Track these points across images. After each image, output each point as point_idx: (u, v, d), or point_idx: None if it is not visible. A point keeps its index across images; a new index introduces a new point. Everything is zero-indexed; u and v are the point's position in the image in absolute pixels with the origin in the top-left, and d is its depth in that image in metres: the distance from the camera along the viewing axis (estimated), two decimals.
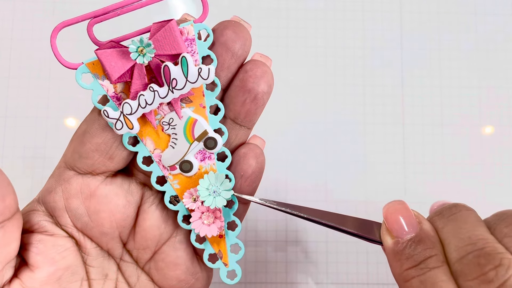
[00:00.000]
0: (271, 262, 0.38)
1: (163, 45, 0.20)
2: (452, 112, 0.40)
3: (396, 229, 0.20)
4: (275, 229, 0.38)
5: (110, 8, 0.21)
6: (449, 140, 0.40)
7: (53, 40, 0.21)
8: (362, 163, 0.40)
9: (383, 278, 0.38)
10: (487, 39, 0.41)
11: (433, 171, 0.40)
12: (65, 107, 0.40)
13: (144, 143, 0.22)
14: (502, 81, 0.41)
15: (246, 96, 0.22)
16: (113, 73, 0.20)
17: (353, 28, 0.41)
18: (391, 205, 0.21)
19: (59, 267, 0.22)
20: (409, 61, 0.41)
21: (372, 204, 0.39)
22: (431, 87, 0.41)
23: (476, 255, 0.18)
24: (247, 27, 0.22)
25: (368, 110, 0.40)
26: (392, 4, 0.42)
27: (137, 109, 0.21)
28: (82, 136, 0.22)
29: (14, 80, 0.40)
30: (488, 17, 0.42)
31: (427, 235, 0.20)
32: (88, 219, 0.22)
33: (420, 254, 0.19)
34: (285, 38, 0.41)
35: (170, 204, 0.23)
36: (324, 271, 0.38)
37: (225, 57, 0.21)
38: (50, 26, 0.41)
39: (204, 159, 0.22)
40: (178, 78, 0.20)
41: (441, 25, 0.42)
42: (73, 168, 0.22)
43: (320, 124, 0.40)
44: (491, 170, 0.40)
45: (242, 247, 0.23)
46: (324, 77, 0.41)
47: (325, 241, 0.39)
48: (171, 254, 0.23)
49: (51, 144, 0.39)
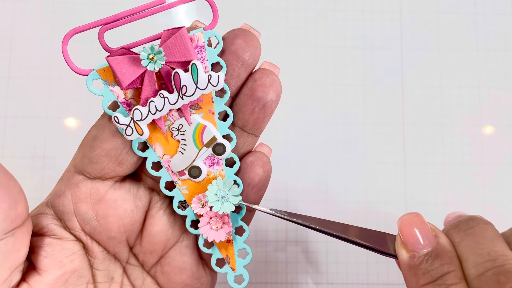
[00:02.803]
0: (271, 262, 0.38)
1: (173, 52, 0.20)
2: (452, 112, 0.40)
3: (412, 243, 0.20)
4: (275, 229, 0.38)
5: (121, 15, 0.21)
6: (449, 140, 0.40)
7: (64, 47, 0.21)
8: (362, 163, 0.40)
9: (383, 278, 0.38)
10: (487, 39, 0.41)
11: (433, 171, 0.40)
12: (65, 107, 0.40)
13: (154, 148, 0.22)
14: (502, 81, 0.41)
15: (255, 105, 0.22)
16: (124, 79, 0.20)
17: (353, 28, 0.41)
18: (407, 218, 0.21)
19: (67, 270, 0.22)
20: (409, 61, 0.41)
21: (372, 204, 0.39)
22: (431, 87, 0.41)
23: (496, 272, 0.17)
24: (257, 35, 0.22)
25: (368, 110, 0.40)
26: (392, 4, 0.42)
27: (147, 115, 0.21)
28: (92, 141, 0.22)
29: (14, 80, 0.40)
30: (488, 17, 0.42)
31: (444, 249, 0.19)
32: (96, 223, 0.22)
33: (438, 269, 0.18)
34: (285, 38, 0.41)
35: (178, 209, 0.23)
36: (324, 271, 0.38)
37: (236, 65, 0.22)
38: (50, 26, 0.41)
39: (212, 164, 0.23)
40: (188, 85, 0.21)
41: (441, 25, 0.42)
42: (83, 172, 0.22)
43: (320, 124, 0.40)
44: (491, 170, 0.40)
45: (249, 252, 0.23)
46: (324, 77, 0.41)
47: (325, 241, 0.39)
48: (177, 258, 0.24)
49: (51, 144, 0.39)
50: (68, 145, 0.40)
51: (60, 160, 0.39)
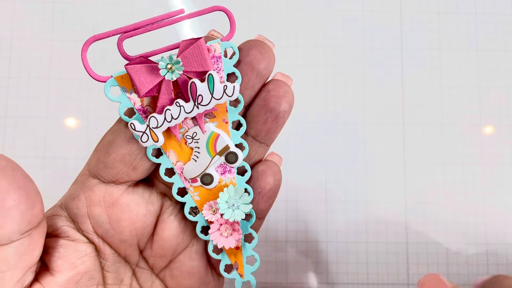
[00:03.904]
0: (271, 262, 0.38)
1: (191, 62, 0.21)
2: (452, 112, 0.40)
3: None
4: (275, 229, 0.39)
5: (140, 24, 0.21)
6: (449, 140, 0.40)
7: (84, 53, 0.21)
8: (362, 163, 0.40)
9: (383, 278, 0.38)
10: (487, 39, 0.41)
11: (433, 171, 0.40)
12: (65, 107, 0.40)
13: (167, 155, 0.23)
14: (502, 81, 0.41)
15: (268, 115, 0.22)
16: (142, 88, 0.21)
17: (353, 28, 0.41)
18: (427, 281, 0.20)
19: (79, 271, 0.22)
20: (409, 61, 0.41)
21: (372, 204, 0.39)
22: (431, 87, 0.41)
23: None
24: (271, 46, 0.23)
25: (368, 110, 0.40)
26: (392, 4, 0.42)
27: (163, 123, 0.21)
28: (108, 146, 0.22)
29: (14, 80, 0.40)
30: (488, 17, 0.42)
31: None
32: (109, 227, 0.23)
33: None
34: (285, 38, 0.41)
35: (189, 215, 0.23)
36: (324, 271, 0.38)
37: (250, 76, 0.22)
38: (50, 26, 0.41)
39: (224, 172, 0.23)
40: (204, 95, 0.21)
41: (441, 25, 0.42)
42: (97, 176, 0.23)
43: (320, 124, 0.40)
44: (491, 170, 0.40)
45: (257, 259, 0.24)
46: (324, 77, 0.41)
47: (325, 241, 0.39)
48: (186, 263, 0.24)
49: (51, 144, 0.39)
50: (68, 145, 0.40)
51: (60, 160, 0.39)
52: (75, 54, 0.40)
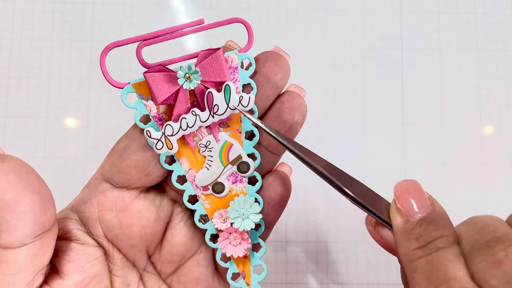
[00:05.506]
0: (271, 262, 0.38)
1: (209, 72, 0.21)
2: (452, 112, 0.40)
3: (407, 208, 0.20)
4: (275, 229, 0.39)
5: (160, 33, 0.21)
6: (449, 140, 0.40)
7: (103, 59, 0.21)
8: (362, 163, 0.40)
9: (383, 278, 0.38)
10: (487, 39, 0.41)
11: (433, 171, 0.40)
12: (65, 107, 0.40)
13: (180, 163, 0.23)
14: (502, 81, 0.41)
15: (281, 126, 0.23)
16: (159, 96, 0.21)
17: (353, 28, 0.41)
18: (403, 184, 0.21)
19: (88, 275, 0.22)
20: (409, 61, 0.41)
21: None
22: (431, 87, 0.41)
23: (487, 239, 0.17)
24: (287, 58, 0.23)
25: (368, 110, 0.40)
26: (392, 4, 0.42)
27: (178, 131, 0.22)
28: (122, 152, 0.22)
29: (14, 80, 0.40)
30: (488, 17, 0.42)
31: (440, 216, 0.19)
32: (119, 232, 0.23)
33: (430, 234, 0.18)
34: (285, 38, 0.41)
35: (199, 222, 0.24)
36: (324, 271, 0.38)
37: (266, 87, 0.22)
38: (50, 26, 0.41)
39: (235, 181, 0.23)
40: (220, 104, 0.21)
41: (441, 25, 0.42)
42: (110, 181, 0.23)
43: (320, 124, 0.40)
44: (491, 170, 0.40)
45: (265, 269, 0.24)
46: (324, 77, 0.41)
47: (325, 241, 0.39)
48: (194, 270, 0.24)
49: (51, 144, 0.39)
50: (68, 145, 0.40)
51: (60, 160, 0.39)
52: (75, 54, 0.40)
